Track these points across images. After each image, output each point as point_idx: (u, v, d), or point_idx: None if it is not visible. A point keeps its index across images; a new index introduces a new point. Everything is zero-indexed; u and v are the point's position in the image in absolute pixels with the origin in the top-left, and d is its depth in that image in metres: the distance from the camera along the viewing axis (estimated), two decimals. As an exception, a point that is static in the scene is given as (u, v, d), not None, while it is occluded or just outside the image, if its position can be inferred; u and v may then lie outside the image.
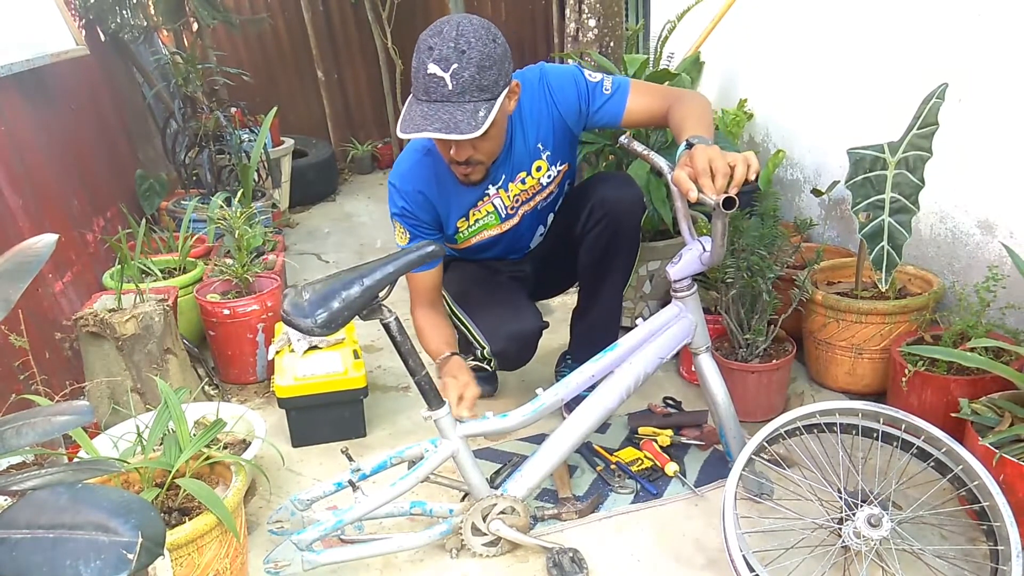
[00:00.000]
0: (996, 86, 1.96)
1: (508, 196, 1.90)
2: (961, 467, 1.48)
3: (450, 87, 1.51)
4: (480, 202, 1.90)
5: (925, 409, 1.84)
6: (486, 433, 1.67)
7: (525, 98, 1.80)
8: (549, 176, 1.91)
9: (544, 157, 1.87)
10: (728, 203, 1.35)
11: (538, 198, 1.95)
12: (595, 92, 1.81)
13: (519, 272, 2.18)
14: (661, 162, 1.66)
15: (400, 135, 1.56)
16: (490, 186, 1.87)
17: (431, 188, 1.84)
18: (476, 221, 1.94)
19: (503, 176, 1.86)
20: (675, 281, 1.66)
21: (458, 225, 1.94)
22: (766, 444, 1.56)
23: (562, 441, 1.67)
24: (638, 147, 1.77)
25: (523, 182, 1.89)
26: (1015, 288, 1.95)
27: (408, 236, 1.88)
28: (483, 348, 1.96)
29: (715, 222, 1.49)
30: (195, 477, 1.50)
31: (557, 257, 2.10)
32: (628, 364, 1.68)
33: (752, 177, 1.39)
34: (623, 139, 1.85)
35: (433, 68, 1.51)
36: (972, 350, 1.72)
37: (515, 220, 1.96)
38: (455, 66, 1.50)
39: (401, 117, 1.57)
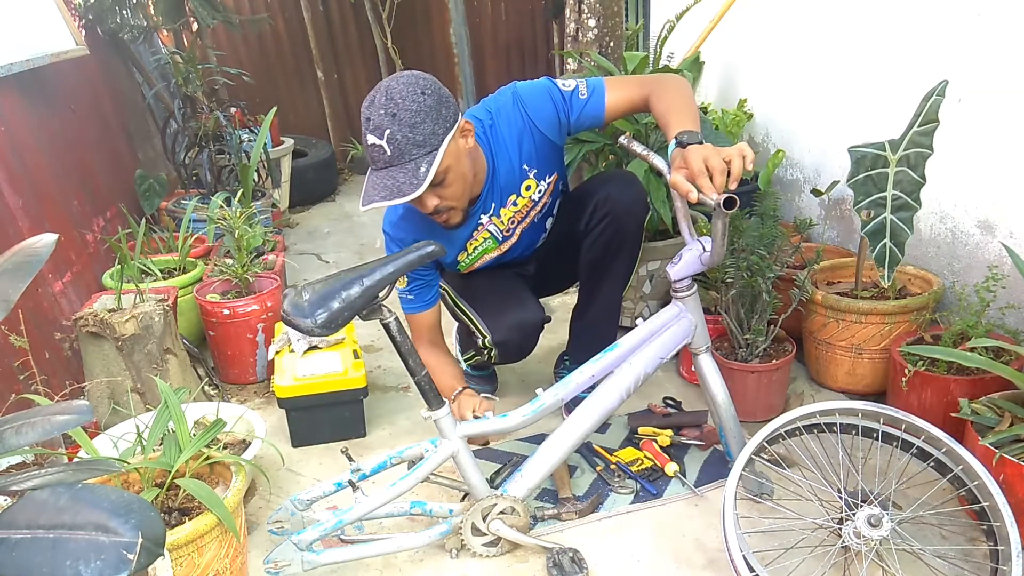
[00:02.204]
0: (996, 86, 1.96)
1: (502, 221, 1.93)
2: (961, 467, 1.48)
3: (389, 152, 1.57)
4: (475, 232, 1.93)
5: (925, 409, 1.84)
6: (486, 433, 1.67)
7: (503, 124, 1.82)
8: (540, 191, 1.93)
9: (531, 176, 1.89)
10: (729, 203, 1.35)
11: (533, 213, 1.97)
12: (572, 100, 1.81)
13: (522, 270, 2.18)
14: (660, 163, 1.65)
15: (361, 209, 1.62)
16: (482, 215, 1.89)
17: (423, 232, 1.87)
18: (474, 249, 1.96)
19: (493, 204, 1.89)
20: (675, 281, 1.66)
21: (458, 257, 1.98)
22: (766, 444, 1.56)
23: (562, 441, 1.67)
24: (637, 147, 1.77)
25: (515, 204, 1.91)
26: (1015, 288, 1.95)
27: (406, 279, 1.89)
28: (484, 337, 1.96)
29: (715, 222, 1.49)
30: (195, 477, 1.50)
31: (559, 255, 2.10)
32: (628, 364, 1.68)
33: (749, 168, 1.39)
34: (623, 139, 1.84)
35: (372, 139, 1.58)
36: (972, 350, 1.72)
37: (513, 240, 1.99)
38: (388, 131, 1.56)
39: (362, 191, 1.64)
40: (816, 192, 2.48)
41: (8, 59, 2.50)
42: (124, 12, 3.77)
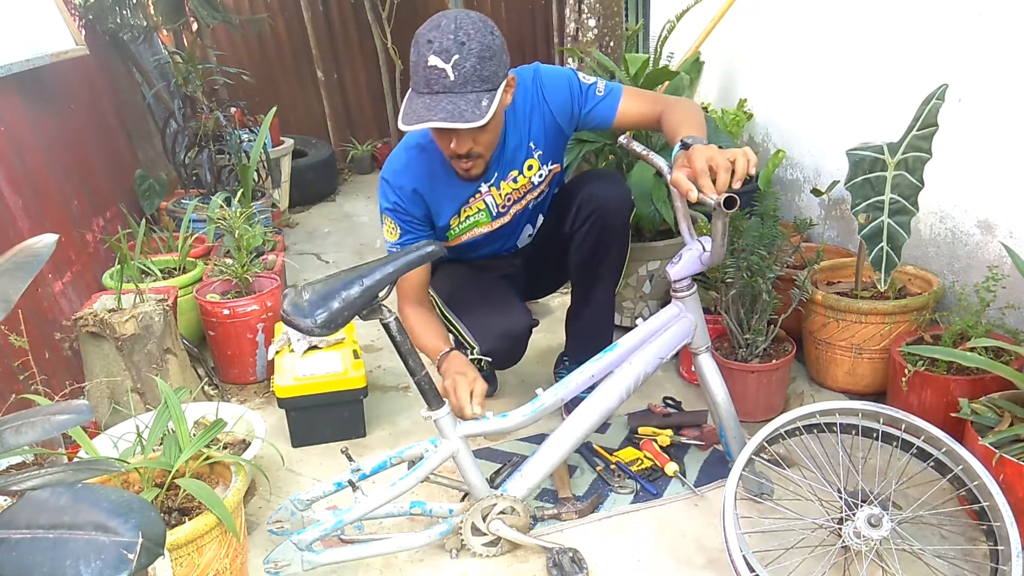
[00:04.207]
0: (996, 86, 1.96)
1: (499, 195, 1.91)
2: (961, 467, 1.48)
3: (452, 78, 1.52)
4: (472, 199, 1.90)
5: (925, 409, 1.84)
6: (486, 433, 1.67)
7: (519, 96, 1.81)
8: (540, 176, 1.92)
9: (536, 156, 1.89)
10: (729, 202, 1.35)
11: (529, 197, 1.96)
12: (588, 93, 1.83)
13: (510, 271, 2.18)
14: (660, 162, 1.66)
15: (402, 127, 1.56)
16: (482, 184, 1.88)
17: (424, 184, 1.85)
18: (467, 218, 1.94)
19: (495, 174, 1.88)
20: (675, 281, 1.66)
21: (450, 222, 1.94)
22: (766, 444, 1.56)
23: (562, 441, 1.67)
24: (637, 147, 1.78)
25: (515, 181, 1.90)
26: (1015, 288, 1.95)
27: (398, 232, 1.88)
28: (473, 348, 1.96)
29: (715, 222, 1.49)
30: (195, 477, 1.50)
31: (548, 256, 2.10)
32: (628, 364, 1.68)
33: (752, 172, 1.40)
34: (622, 139, 1.86)
35: (434, 60, 1.52)
36: (972, 350, 1.72)
37: (506, 219, 1.97)
38: (456, 57, 1.51)
39: (402, 111, 1.57)
40: (816, 192, 2.48)
41: (8, 59, 2.50)
42: (124, 12, 3.77)
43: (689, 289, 1.67)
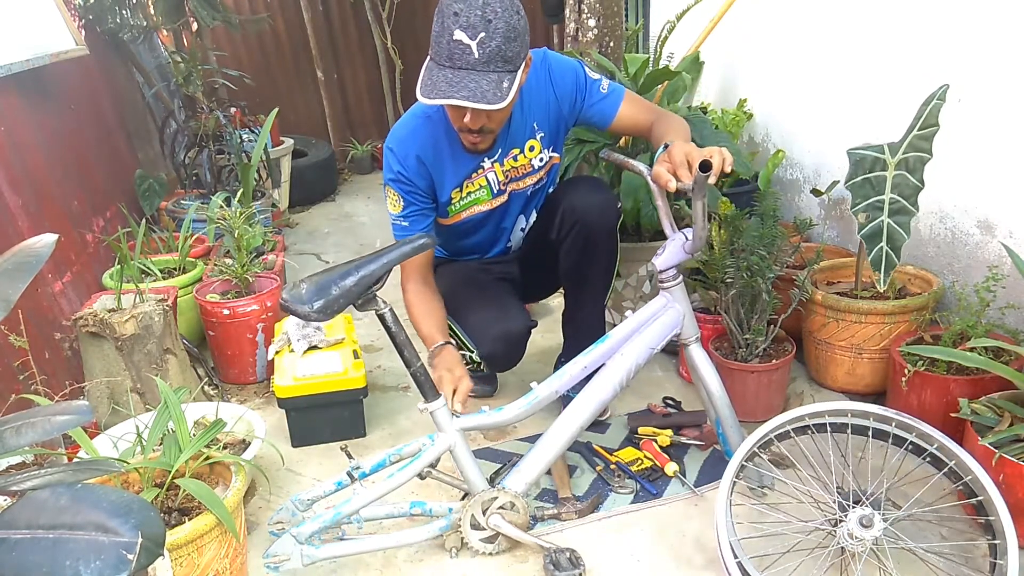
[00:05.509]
0: (996, 86, 1.96)
1: (502, 170, 1.93)
2: (954, 462, 1.48)
3: (476, 56, 1.52)
4: (475, 174, 1.91)
5: (925, 409, 1.84)
6: (482, 427, 1.68)
7: (529, 76, 1.82)
8: (541, 160, 1.94)
9: (538, 138, 1.91)
10: (704, 165, 1.42)
11: (528, 180, 1.97)
12: (592, 88, 1.86)
13: (507, 274, 2.18)
14: (640, 166, 1.73)
15: (423, 100, 1.55)
16: (486, 159, 1.89)
17: (428, 154, 1.85)
18: (468, 194, 1.95)
19: (499, 151, 1.89)
20: (661, 271, 1.69)
21: (452, 195, 1.93)
22: (757, 451, 1.57)
23: (558, 435, 1.68)
24: (618, 157, 1.86)
25: (515, 159, 1.92)
26: (1015, 288, 1.95)
27: (402, 203, 1.87)
28: (471, 352, 1.97)
29: (695, 203, 1.53)
30: (195, 477, 1.50)
31: (540, 260, 2.11)
32: (620, 356, 1.70)
33: (728, 170, 1.46)
34: (603, 153, 1.93)
35: (460, 35, 1.51)
36: (972, 350, 1.72)
37: (504, 198, 1.98)
38: (482, 35, 1.51)
39: (421, 82, 1.57)
40: (816, 192, 2.48)
41: (8, 59, 2.50)
42: (124, 12, 3.78)
43: (675, 279, 1.71)
